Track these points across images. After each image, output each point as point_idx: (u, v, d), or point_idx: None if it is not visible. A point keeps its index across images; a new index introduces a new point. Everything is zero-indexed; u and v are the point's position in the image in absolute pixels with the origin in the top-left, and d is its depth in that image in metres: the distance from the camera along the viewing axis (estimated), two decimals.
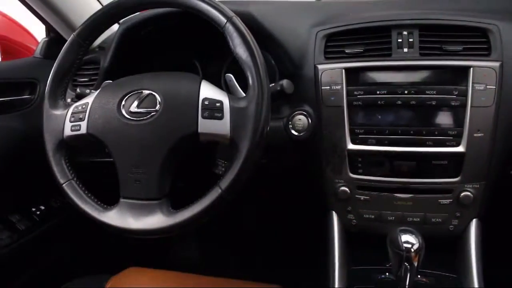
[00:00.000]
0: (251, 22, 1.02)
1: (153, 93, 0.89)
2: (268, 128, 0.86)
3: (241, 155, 0.82)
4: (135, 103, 0.89)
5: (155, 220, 0.86)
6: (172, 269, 1.16)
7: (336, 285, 0.99)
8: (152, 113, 0.87)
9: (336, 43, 1.03)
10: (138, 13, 1.09)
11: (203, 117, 0.85)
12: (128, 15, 1.03)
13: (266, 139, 0.85)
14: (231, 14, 0.88)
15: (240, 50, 0.86)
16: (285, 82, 0.98)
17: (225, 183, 0.83)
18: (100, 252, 1.69)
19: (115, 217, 0.88)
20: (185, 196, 0.89)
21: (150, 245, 1.62)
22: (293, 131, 1.03)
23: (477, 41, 0.98)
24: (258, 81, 0.84)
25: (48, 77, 0.97)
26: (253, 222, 1.70)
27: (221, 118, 0.84)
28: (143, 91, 0.90)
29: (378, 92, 0.97)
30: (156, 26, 1.16)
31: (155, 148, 0.86)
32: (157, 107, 0.87)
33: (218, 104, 0.85)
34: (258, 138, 0.83)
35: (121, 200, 0.88)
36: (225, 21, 0.87)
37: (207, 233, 1.74)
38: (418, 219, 1.00)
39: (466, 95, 0.94)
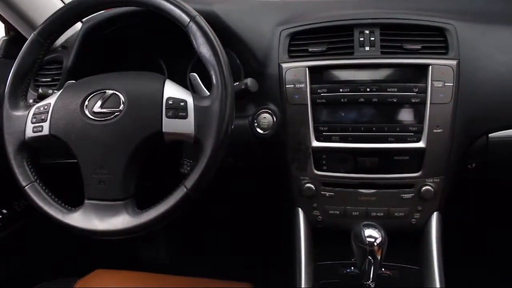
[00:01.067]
0: (215, 21, 1.02)
1: (117, 93, 0.88)
2: (233, 127, 0.86)
3: (206, 154, 0.83)
4: (99, 103, 0.88)
5: (120, 221, 0.85)
6: (140, 270, 1.15)
7: (303, 280, 1.00)
8: (116, 113, 0.86)
9: (300, 42, 1.05)
10: (101, 11, 1.07)
11: (167, 117, 0.85)
12: (91, 14, 1.01)
13: (231, 138, 0.85)
14: (194, 13, 0.88)
15: (204, 49, 0.86)
16: (249, 80, 0.98)
17: (190, 182, 0.83)
18: (67, 255, 1.66)
19: (79, 219, 0.87)
20: (152, 196, 0.89)
21: (118, 246, 1.60)
22: (258, 130, 1.04)
23: (435, 40, 1.01)
24: (221, 80, 0.85)
25: (8, 77, 0.95)
26: (222, 221, 1.70)
27: (185, 117, 0.84)
28: (107, 91, 0.89)
29: (341, 90, 0.99)
30: (120, 25, 1.14)
31: (119, 149, 0.86)
32: (121, 107, 0.87)
33: (182, 104, 0.85)
34: (222, 137, 0.83)
35: (86, 201, 0.87)
36: (188, 20, 0.87)
37: (176, 233, 1.73)
38: (382, 214, 1.02)
39: (425, 92, 0.97)
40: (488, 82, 1.00)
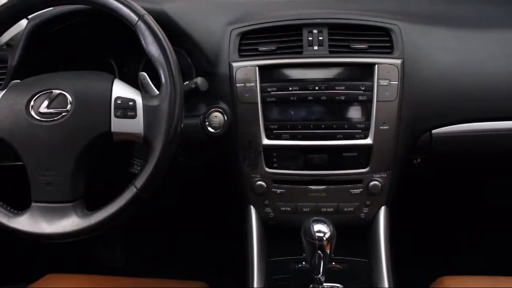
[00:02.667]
0: (165, 20, 1.02)
1: (64, 92, 0.86)
2: (182, 126, 0.87)
3: (155, 154, 0.83)
4: (45, 103, 0.86)
5: (70, 223, 0.84)
6: (95, 273, 1.14)
7: (255, 278, 1.02)
8: (63, 114, 0.85)
9: (250, 41, 1.06)
10: (48, 9, 1.05)
11: (116, 116, 0.84)
12: (36, 11, 0.99)
13: (180, 137, 0.86)
14: (143, 12, 0.88)
15: (152, 49, 0.86)
16: (199, 79, 0.99)
17: (140, 182, 0.82)
18: (15, 260, 1.61)
19: (26, 223, 0.85)
20: (103, 197, 0.87)
21: (71, 249, 1.56)
22: (209, 128, 1.04)
23: (381, 39, 1.05)
24: (170, 79, 0.85)
25: None
26: (177, 221, 1.70)
27: (134, 117, 0.84)
28: (53, 90, 0.87)
29: (290, 89, 1.01)
30: (68, 24, 1.12)
31: (67, 149, 0.84)
32: (68, 107, 0.85)
33: (131, 103, 0.85)
34: (172, 136, 0.83)
35: (33, 204, 0.85)
36: (137, 19, 0.87)
37: (130, 234, 1.71)
38: (332, 209, 1.05)
39: (372, 91, 1.00)
40: (431, 80, 1.05)
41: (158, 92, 0.88)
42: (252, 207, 1.09)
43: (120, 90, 0.86)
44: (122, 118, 0.84)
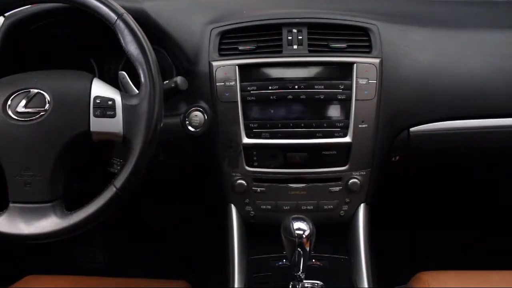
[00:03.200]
0: (145, 19, 1.02)
1: (42, 92, 0.85)
2: (162, 125, 0.87)
3: (135, 153, 0.83)
4: (23, 102, 0.85)
5: (49, 223, 0.83)
6: (75, 274, 1.13)
7: (236, 276, 1.02)
8: (41, 113, 0.84)
9: (230, 40, 1.06)
10: (26, 7, 1.04)
11: (95, 116, 0.84)
12: (12, 9, 0.98)
13: (160, 136, 0.86)
14: (122, 11, 0.87)
15: (132, 48, 0.86)
16: (179, 79, 0.99)
17: (119, 181, 0.82)
18: None
19: (3, 223, 0.84)
20: (82, 197, 0.87)
21: (51, 250, 1.55)
22: (189, 127, 1.04)
23: (360, 39, 1.06)
24: (150, 78, 0.85)
25: None
26: (158, 221, 1.69)
27: (113, 116, 0.84)
28: (31, 90, 0.86)
29: (270, 88, 1.02)
30: (46, 22, 1.11)
31: (46, 149, 0.84)
32: (46, 106, 0.84)
33: (110, 102, 0.84)
34: (151, 135, 0.83)
35: (10, 205, 0.85)
36: (116, 18, 0.86)
37: (111, 234, 1.70)
38: (312, 207, 1.06)
39: (351, 89, 1.01)
40: (408, 79, 1.07)
41: (137, 91, 0.88)
42: (232, 205, 1.09)
43: (99, 89, 0.86)
44: (101, 118, 0.84)
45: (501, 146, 1.14)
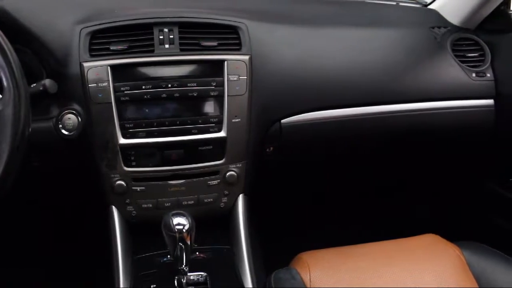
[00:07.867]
0: (4, 17, 0.98)
1: None
2: (30, 130, 0.84)
3: (2, 161, 0.79)
4: None
5: None
6: None
7: (121, 277, 1.02)
8: None
9: (101, 40, 1.04)
10: None
11: None
12: None
13: (29, 142, 0.83)
14: None
15: None
16: (47, 81, 0.95)
17: None
18: None
19: None
20: None
21: None
22: (63, 131, 1.01)
23: (230, 37, 1.10)
24: (12, 82, 0.81)
25: None
26: (40, 228, 1.60)
27: None
28: None
29: (144, 87, 1.02)
30: None
31: None
32: None
33: None
34: (19, 142, 0.80)
35: None
36: None
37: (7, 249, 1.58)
38: (192, 202, 1.09)
39: (223, 86, 1.05)
40: (277, 74, 1.14)
41: (1, 96, 0.84)
42: (113, 207, 1.08)
43: None
44: None
45: (362, 134, 1.27)
